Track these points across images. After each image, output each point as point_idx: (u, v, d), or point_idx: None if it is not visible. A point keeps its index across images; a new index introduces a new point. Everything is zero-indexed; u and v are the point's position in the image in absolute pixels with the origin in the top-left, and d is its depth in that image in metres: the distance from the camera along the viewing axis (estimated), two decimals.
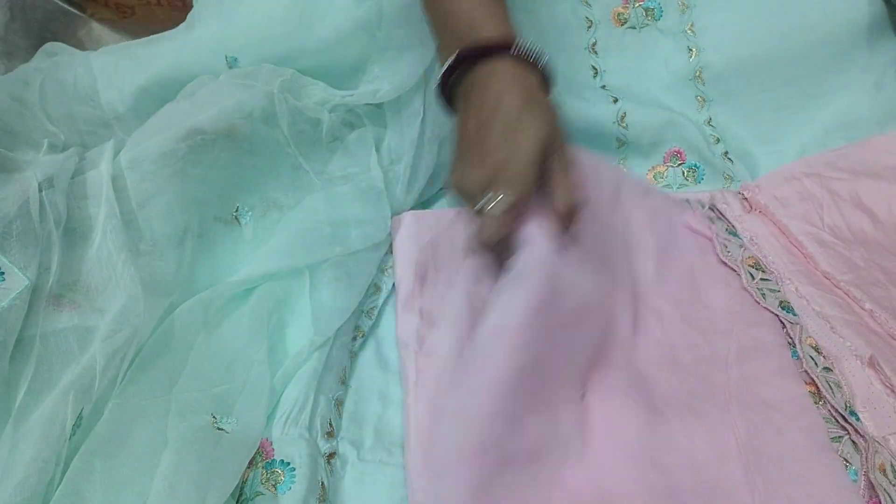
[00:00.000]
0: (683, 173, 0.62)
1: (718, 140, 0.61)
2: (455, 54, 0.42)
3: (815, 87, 0.59)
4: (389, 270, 0.55)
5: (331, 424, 0.45)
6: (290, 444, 0.42)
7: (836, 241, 0.50)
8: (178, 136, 0.47)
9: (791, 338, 0.45)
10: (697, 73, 0.61)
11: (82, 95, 0.58)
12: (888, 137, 0.54)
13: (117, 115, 0.59)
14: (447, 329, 0.48)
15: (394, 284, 0.54)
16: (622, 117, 0.61)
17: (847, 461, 0.38)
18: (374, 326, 0.53)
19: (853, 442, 0.39)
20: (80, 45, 0.66)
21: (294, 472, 0.41)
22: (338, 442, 0.45)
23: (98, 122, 0.58)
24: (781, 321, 0.46)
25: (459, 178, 0.41)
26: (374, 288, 0.54)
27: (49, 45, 0.61)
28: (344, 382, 0.49)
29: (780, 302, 0.47)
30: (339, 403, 0.47)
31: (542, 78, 0.43)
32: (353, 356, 0.51)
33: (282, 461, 0.41)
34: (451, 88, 0.44)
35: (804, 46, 0.58)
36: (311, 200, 0.53)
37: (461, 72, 0.43)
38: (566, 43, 0.62)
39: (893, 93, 0.58)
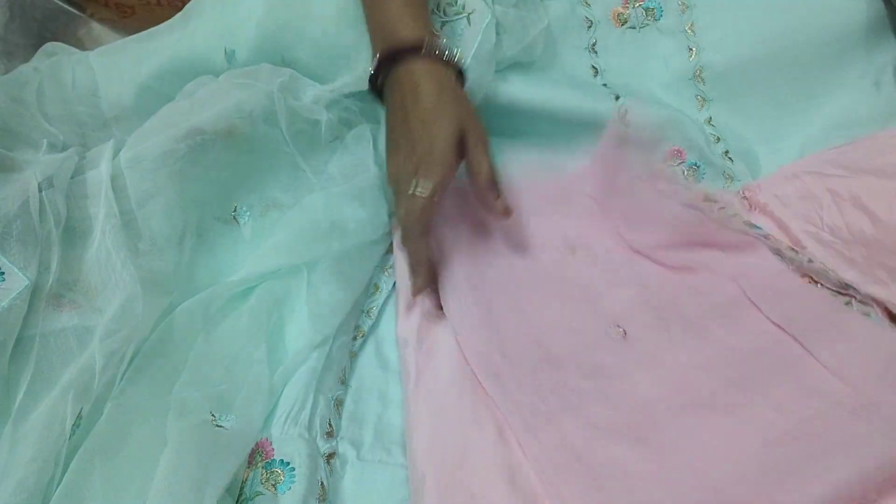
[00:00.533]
0: (684, 172, 0.62)
1: (719, 139, 0.61)
2: (376, 57, 0.48)
3: (815, 87, 0.59)
4: (390, 270, 0.55)
5: (330, 424, 0.45)
6: (289, 444, 0.42)
7: (835, 241, 0.50)
8: (178, 136, 0.47)
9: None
10: (697, 73, 0.61)
11: (82, 95, 0.58)
12: (889, 134, 0.54)
13: (117, 114, 0.58)
14: (449, 328, 0.48)
15: (394, 284, 0.54)
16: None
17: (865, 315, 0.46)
18: (375, 326, 0.53)
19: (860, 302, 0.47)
20: (80, 45, 0.66)
21: (294, 472, 0.41)
22: (337, 442, 0.45)
23: (97, 122, 0.58)
24: None
25: (394, 171, 0.48)
26: (375, 287, 0.54)
27: (49, 45, 0.61)
28: (344, 382, 0.49)
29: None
30: (339, 403, 0.47)
31: (458, 72, 0.50)
32: (353, 356, 0.51)
33: (281, 461, 0.41)
34: (381, 87, 0.50)
35: (804, 46, 0.58)
36: (309, 199, 0.53)
37: (385, 72, 0.49)
38: (566, 43, 0.62)
39: (893, 92, 0.58)
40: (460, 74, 0.50)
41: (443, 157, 0.45)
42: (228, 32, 0.56)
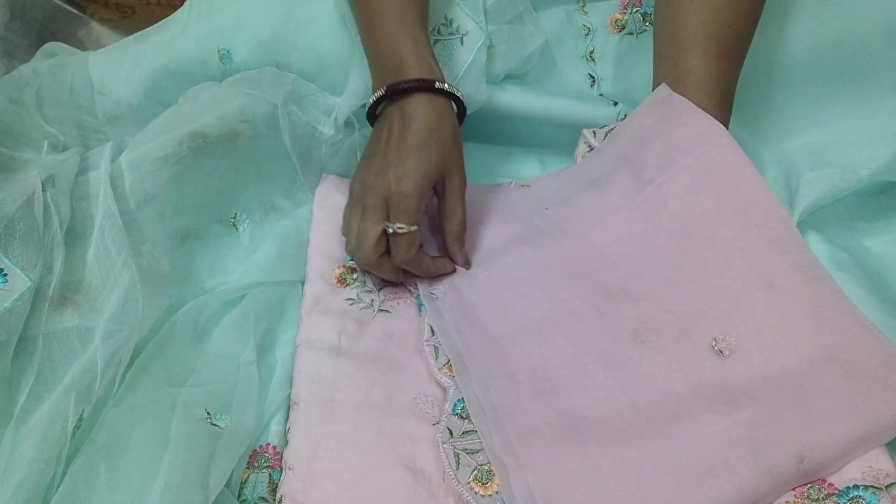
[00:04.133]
0: None
1: None
2: (382, 90, 0.47)
3: (816, 93, 0.59)
4: None
5: None
6: None
7: None
8: (180, 139, 0.47)
9: None
10: None
11: (80, 97, 0.58)
12: None
13: (115, 115, 0.59)
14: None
15: None
16: (622, 119, 0.61)
17: None
18: None
19: None
20: (80, 45, 0.66)
21: None
22: None
23: (97, 122, 0.59)
24: None
25: (358, 186, 0.47)
26: None
27: (49, 45, 0.61)
28: None
29: None
30: None
31: (459, 108, 0.50)
32: None
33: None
34: (376, 113, 0.50)
35: (804, 52, 0.58)
36: (305, 211, 0.54)
37: (387, 101, 0.48)
38: (563, 51, 0.62)
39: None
40: (460, 111, 0.50)
41: (411, 207, 0.45)
42: (223, 34, 0.56)
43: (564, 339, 0.43)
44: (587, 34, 0.62)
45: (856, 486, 0.36)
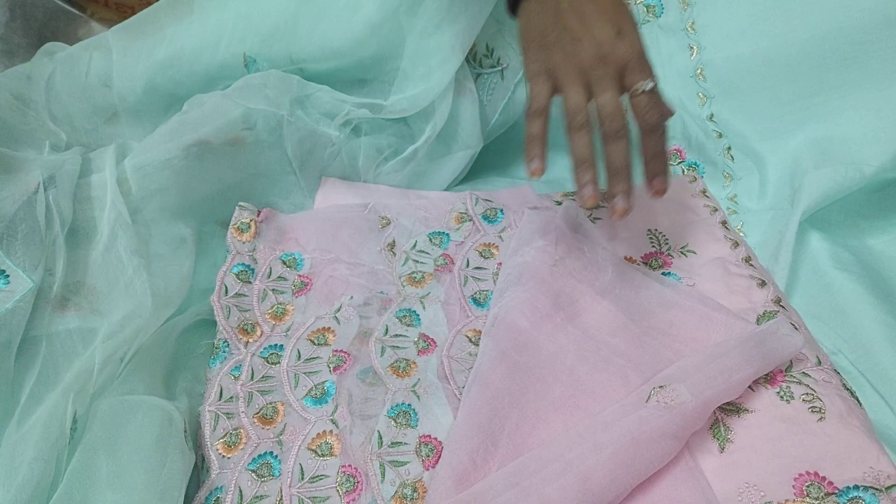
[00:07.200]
0: (683, 171, 0.62)
1: (721, 135, 0.60)
2: None
3: (816, 85, 0.58)
4: None
5: None
6: None
7: None
8: (184, 145, 0.48)
9: None
10: (698, 71, 0.61)
11: (97, 80, 0.56)
12: None
13: (128, 104, 0.58)
14: None
15: None
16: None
17: None
18: None
19: None
20: None
21: None
22: None
23: (104, 115, 0.58)
24: None
25: (558, 57, 0.41)
26: None
27: (49, 45, 0.61)
28: None
29: None
30: None
31: None
32: None
33: None
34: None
35: (806, 43, 0.57)
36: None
37: None
38: None
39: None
40: None
41: (647, 63, 0.40)
42: (246, 40, 0.55)
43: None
44: None
45: (856, 487, 0.36)
